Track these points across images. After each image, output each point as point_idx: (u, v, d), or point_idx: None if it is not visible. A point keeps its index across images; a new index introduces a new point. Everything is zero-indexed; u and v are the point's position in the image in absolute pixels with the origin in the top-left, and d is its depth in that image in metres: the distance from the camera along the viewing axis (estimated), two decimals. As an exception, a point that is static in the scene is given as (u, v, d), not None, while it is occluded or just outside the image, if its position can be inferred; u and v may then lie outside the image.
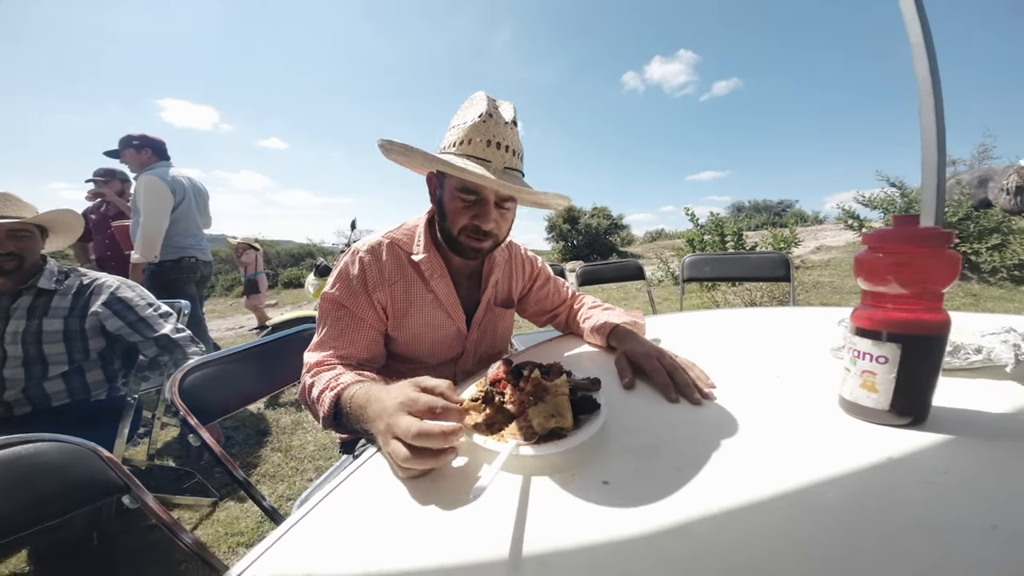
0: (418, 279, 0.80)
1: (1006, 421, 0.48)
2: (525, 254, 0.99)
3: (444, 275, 0.81)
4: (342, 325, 0.74)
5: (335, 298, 0.75)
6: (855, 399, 0.50)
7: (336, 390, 0.60)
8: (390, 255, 0.79)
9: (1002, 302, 3.88)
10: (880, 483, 0.39)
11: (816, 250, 7.41)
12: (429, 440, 0.41)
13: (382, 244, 0.79)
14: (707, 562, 0.32)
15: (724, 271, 1.92)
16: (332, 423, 0.61)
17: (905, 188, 5.53)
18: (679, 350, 0.70)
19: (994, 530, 0.32)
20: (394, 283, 0.78)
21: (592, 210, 13.71)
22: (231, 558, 1.27)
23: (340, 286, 0.76)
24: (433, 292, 0.81)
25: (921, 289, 0.45)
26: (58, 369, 1.19)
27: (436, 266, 0.80)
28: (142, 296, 1.31)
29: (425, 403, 0.45)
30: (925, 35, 1.33)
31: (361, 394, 0.55)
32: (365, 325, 0.75)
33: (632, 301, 5.06)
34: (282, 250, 14.22)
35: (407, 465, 0.42)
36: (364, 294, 0.76)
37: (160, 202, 2.12)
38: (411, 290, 0.79)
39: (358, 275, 0.76)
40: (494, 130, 0.68)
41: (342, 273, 0.77)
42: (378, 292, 0.76)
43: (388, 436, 0.45)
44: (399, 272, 0.79)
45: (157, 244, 2.12)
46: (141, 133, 2.23)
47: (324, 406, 0.60)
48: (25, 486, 0.51)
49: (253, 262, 4.81)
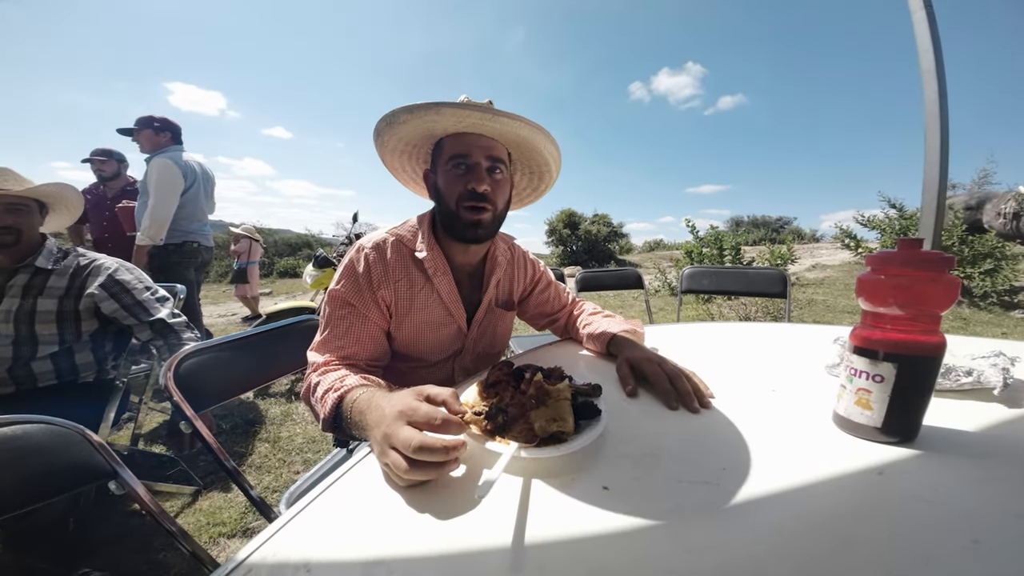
0: (421, 276, 0.80)
1: (992, 441, 0.50)
2: (527, 257, 1.00)
3: (447, 272, 0.81)
4: (347, 323, 0.74)
5: (341, 295, 0.75)
6: (849, 415, 0.51)
7: (340, 392, 0.59)
8: (395, 252, 0.79)
9: (990, 326, 3.94)
10: (871, 498, 0.40)
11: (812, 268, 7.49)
12: (430, 454, 0.40)
13: (387, 241, 0.79)
14: (702, 571, 0.32)
15: (722, 285, 1.93)
16: (332, 425, 0.60)
17: (904, 210, 5.59)
18: (677, 361, 0.71)
19: (976, 545, 0.34)
20: (398, 280, 0.78)
21: (593, 217, 13.77)
22: (212, 548, 1.25)
23: (346, 283, 0.76)
24: (436, 290, 0.81)
25: (920, 311, 0.46)
26: (48, 349, 1.17)
27: (439, 263, 0.80)
28: (140, 279, 1.29)
29: (425, 414, 0.44)
30: (937, 62, 1.36)
31: (363, 399, 0.55)
32: (370, 323, 0.75)
33: (628, 310, 5.08)
34: (280, 239, 14.14)
35: (406, 477, 0.41)
36: (369, 291, 0.76)
37: (171, 185, 2.12)
38: (414, 288, 0.79)
39: (363, 272, 0.76)
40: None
41: (347, 269, 0.77)
42: (383, 289, 0.76)
43: (385, 445, 0.43)
44: (403, 269, 0.79)
45: (165, 227, 2.11)
46: (162, 116, 2.21)
47: (326, 407, 0.60)
48: (10, 467, 0.50)
49: (246, 251, 4.71)
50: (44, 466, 0.52)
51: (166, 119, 2.21)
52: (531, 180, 0.92)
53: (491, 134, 0.74)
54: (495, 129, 0.73)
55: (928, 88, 1.38)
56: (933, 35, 1.36)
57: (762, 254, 6.01)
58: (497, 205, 0.77)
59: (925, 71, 1.37)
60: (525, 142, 0.77)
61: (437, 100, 0.68)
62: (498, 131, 0.73)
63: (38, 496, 0.52)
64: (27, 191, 1.15)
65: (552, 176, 0.90)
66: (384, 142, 0.78)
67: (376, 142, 0.79)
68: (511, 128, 0.73)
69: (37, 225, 1.20)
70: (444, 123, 0.71)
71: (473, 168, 0.73)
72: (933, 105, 1.38)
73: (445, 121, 0.70)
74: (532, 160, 0.85)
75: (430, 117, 0.70)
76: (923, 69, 1.38)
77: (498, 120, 0.70)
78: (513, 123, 0.71)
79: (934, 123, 1.38)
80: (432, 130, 0.74)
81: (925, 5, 1.36)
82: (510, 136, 0.75)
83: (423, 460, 0.41)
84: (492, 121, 0.71)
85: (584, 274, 2.22)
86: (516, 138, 0.76)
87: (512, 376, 0.56)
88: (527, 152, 0.82)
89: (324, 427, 0.61)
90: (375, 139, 0.78)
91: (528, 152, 0.82)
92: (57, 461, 0.52)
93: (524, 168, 0.88)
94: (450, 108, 0.67)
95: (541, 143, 0.78)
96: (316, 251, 3.06)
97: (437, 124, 0.72)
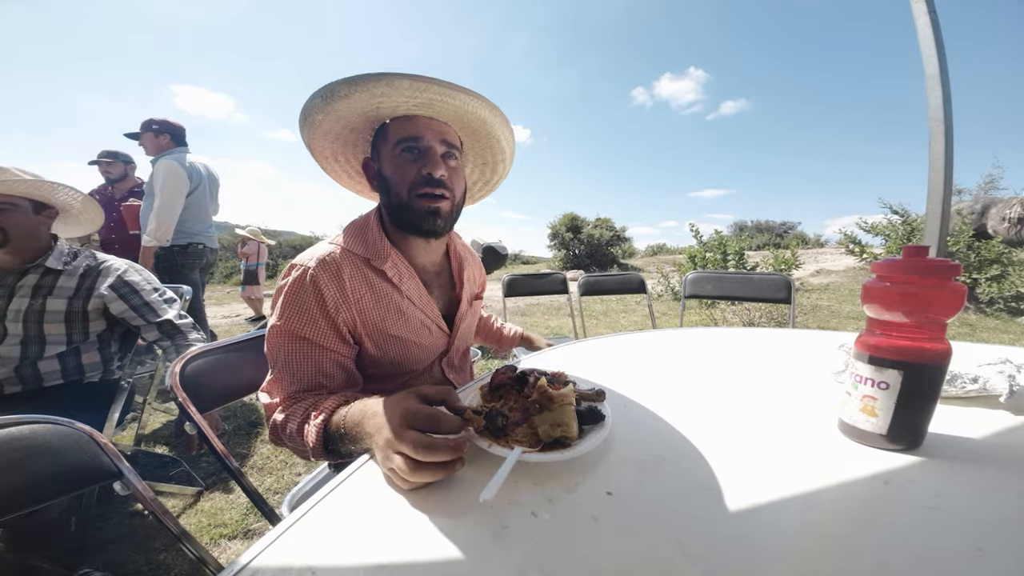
0: (386, 285, 0.71)
1: (998, 449, 0.49)
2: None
3: (413, 276, 0.74)
4: (302, 356, 0.64)
5: (286, 329, 0.64)
6: (854, 422, 0.51)
7: (322, 415, 0.55)
8: (348, 265, 0.68)
9: (997, 333, 3.90)
10: (876, 505, 0.40)
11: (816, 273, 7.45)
12: (437, 454, 0.40)
13: (333, 255, 0.68)
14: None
15: (726, 290, 1.92)
16: (324, 452, 0.55)
17: (908, 216, 5.57)
18: (681, 365, 0.70)
19: (980, 552, 0.34)
20: (361, 298, 0.68)
21: (595, 221, 13.77)
22: (213, 550, 1.25)
23: (290, 314, 0.64)
24: (407, 297, 0.73)
25: (926, 319, 0.46)
26: (55, 349, 1.18)
27: (403, 268, 0.73)
28: (148, 280, 1.30)
29: (427, 415, 0.43)
30: (941, 67, 1.36)
31: (356, 410, 0.52)
32: (330, 353, 0.66)
33: (631, 314, 5.07)
34: (284, 241, 14.23)
35: (413, 479, 0.41)
36: (324, 319, 0.65)
37: (176, 187, 2.14)
38: (381, 300, 0.70)
39: (312, 296, 0.65)
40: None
41: (289, 298, 0.65)
42: (342, 313, 0.66)
43: (389, 451, 0.42)
44: (364, 284, 0.69)
45: (171, 229, 2.14)
46: (162, 118, 2.25)
47: (310, 437, 0.55)
48: (17, 468, 0.50)
49: (255, 253, 4.80)
50: (51, 466, 0.52)
51: (165, 120, 2.24)
52: (483, 172, 0.86)
53: (445, 116, 0.67)
54: (452, 108, 0.65)
55: (932, 94, 1.38)
56: (937, 41, 1.36)
57: (766, 259, 5.98)
58: (455, 193, 0.70)
59: (929, 76, 1.38)
60: (483, 126, 0.71)
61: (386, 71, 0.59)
62: (455, 111, 0.66)
63: (44, 496, 0.52)
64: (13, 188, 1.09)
65: (506, 167, 0.84)
66: (316, 123, 0.66)
67: (303, 123, 0.67)
68: (471, 108, 0.65)
69: (31, 224, 1.16)
70: (394, 100, 0.62)
71: (426, 152, 0.66)
72: (937, 111, 1.38)
73: (396, 97, 0.61)
74: (488, 148, 0.78)
75: (379, 90, 0.60)
76: (927, 74, 1.38)
77: (457, 97, 0.63)
78: (473, 101, 0.64)
79: (938, 129, 1.38)
80: (379, 110, 0.65)
81: (929, 11, 1.36)
82: (469, 118, 0.68)
83: (429, 461, 0.40)
84: (451, 98, 0.63)
85: (587, 278, 2.22)
86: (475, 120, 0.69)
87: (515, 380, 0.56)
88: (483, 139, 0.75)
89: (315, 456, 0.56)
90: (302, 120, 0.66)
91: (484, 139, 0.75)
92: (64, 461, 0.53)
93: (477, 159, 0.82)
94: (405, 80, 0.59)
95: (499, 128, 0.72)
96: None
97: (385, 102, 0.63)
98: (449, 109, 0.66)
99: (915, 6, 1.41)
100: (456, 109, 0.66)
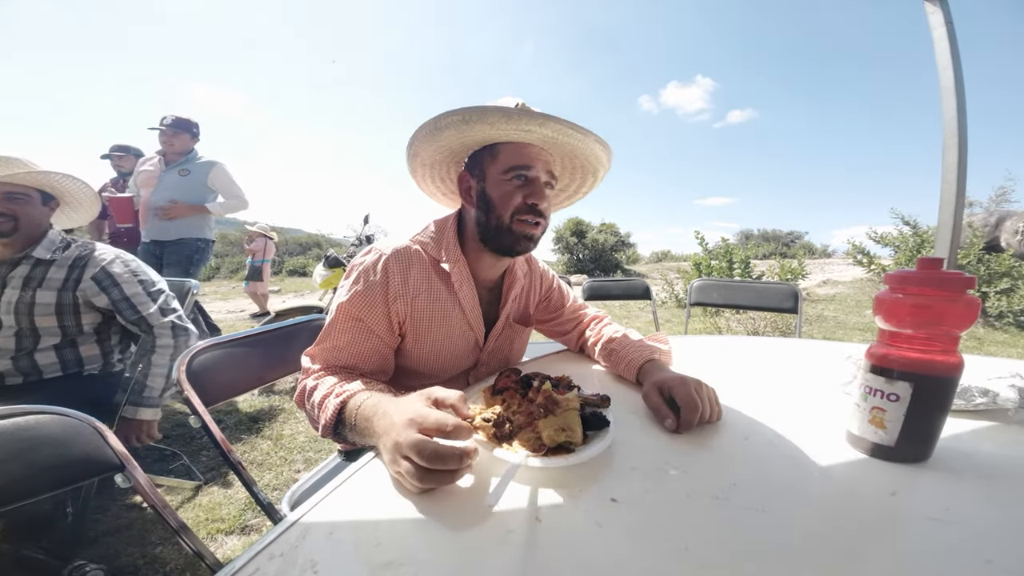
0: (444, 289, 0.75)
1: (1006, 462, 0.49)
2: (543, 269, 0.97)
3: (472, 286, 0.78)
4: (350, 336, 0.69)
5: (348, 307, 0.69)
6: (862, 434, 0.50)
7: (342, 397, 0.57)
8: (418, 262, 0.73)
9: (1005, 347, 3.85)
10: (883, 517, 0.40)
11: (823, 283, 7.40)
12: (443, 462, 0.40)
13: (409, 249, 0.73)
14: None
15: (731, 298, 1.91)
16: (332, 432, 0.57)
17: (918, 227, 5.52)
18: (687, 372, 0.69)
19: (989, 565, 0.33)
20: (417, 295, 0.72)
21: (600, 226, 13.75)
22: (210, 544, 1.25)
23: (356, 292, 0.70)
24: (459, 303, 0.76)
25: (938, 331, 0.45)
26: (50, 341, 1.15)
27: (464, 275, 0.76)
28: (135, 272, 1.23)
29: (436, 421, 0.43)
30: (957, 79, 1.35)
31: (369, 405, 0.52)
32: (375, 339, 0.70)
33: (634, 320, 5.05)
34: (290, 238, 14.32)
35: (420, 484, 0.41)
36: (383, 303, 0.70)
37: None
38: (434, 302, 0.74)
39: (379, 281, 0.70)
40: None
41: (361, 276, 0.71)
42: (398, 303, 0.71)
43: (396, 454, 0.43)
44: (425, 282, 0.73)
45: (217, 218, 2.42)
46: (196, 121, 2.36)
47: (327, 412, 0.57)
48: (21, 458, 0.50)
49: (261, 249, 4.86)
50: (55, 457, 0.52)
51: (177, 118, 2.31)
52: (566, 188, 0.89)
53: (556, 150, 0.72)
54: (570, 147, 0.71)
55: (947, 105, 1.37)
56: (953, 53, 1.35)
57: (772, 268, 5.95)
58: (547, 222, 0.76)
59: (944, 88, 1.36)
60: (589, 163, 0.76)
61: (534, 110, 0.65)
62: (572, 149, 0.71)
63: (47, 487, 0.52)
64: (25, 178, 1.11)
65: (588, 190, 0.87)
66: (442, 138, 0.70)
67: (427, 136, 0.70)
68: (591, 149, 0.71)
69: (39, 216, 1.17)
70: (516, 130, 0.66)
71: (533, 182, 0.70)
72: (951, 123, 1.36)
73: (525, 128, 0.66)
74: (579, 173, 0.82)
75: (522, 126, 0.65)
76: (942, 86, 1.37)
77: (578, 139, 0.68)
78: (594, 144, 0.70)
79: (952, 140, 1.36)
80: (500, 136, 0.69)
81: (946, 22, 1.35)
82: (580, 153, 0.73)
83: (436, 468, 0.40)
84: (580, 143, 0.69)
85: (591, 283, 2.22)
86: (586, 157, 0.74)
87: (520, 384, 0.55)
88: (580, 169, 0.80)
89: (324, 433, 0.58)
90: (427, 133, 0.69)
91: (582, 170, 0.80)
92: (68, 452, 0.53)
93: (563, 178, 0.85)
94: (552, 122, 0.64)
95: (603, 164, 0.77)
96: (327, 251, 3.10)
97: (513, 133, 0.68)
98: (566, 148, 0.71)
99: (932, 17, 1.40)
100: (573, 148, 0.71)
